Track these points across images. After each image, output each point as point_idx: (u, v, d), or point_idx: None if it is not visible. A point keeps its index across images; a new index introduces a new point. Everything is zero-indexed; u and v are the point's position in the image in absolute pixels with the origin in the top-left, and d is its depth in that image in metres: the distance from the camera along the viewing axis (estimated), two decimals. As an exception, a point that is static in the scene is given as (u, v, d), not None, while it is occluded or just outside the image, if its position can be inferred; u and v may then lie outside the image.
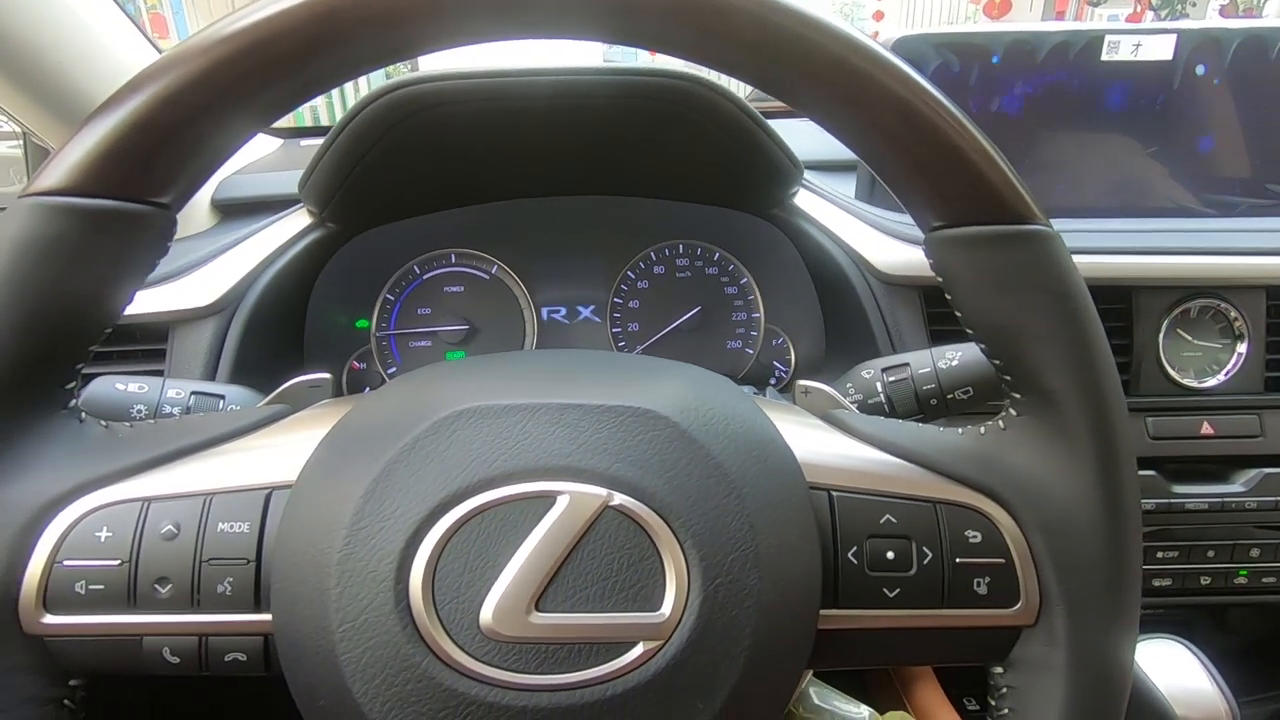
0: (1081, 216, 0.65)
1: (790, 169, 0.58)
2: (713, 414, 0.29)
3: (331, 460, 0.28)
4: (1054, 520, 0.29)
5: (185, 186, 0.28)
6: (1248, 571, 0.61)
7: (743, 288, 0.70)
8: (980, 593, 0.29)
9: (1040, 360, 0.29)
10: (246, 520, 0.28)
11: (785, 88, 0.28)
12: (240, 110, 0.26)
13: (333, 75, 0.27)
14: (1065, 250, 0.29)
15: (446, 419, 0.28)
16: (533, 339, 0.69)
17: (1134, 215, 0.65)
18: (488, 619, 0.25)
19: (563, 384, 0.30)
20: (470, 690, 0.25)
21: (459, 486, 0.26)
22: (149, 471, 0.29)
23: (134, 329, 0.53)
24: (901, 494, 0.30)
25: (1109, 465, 0.29)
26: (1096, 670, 0.29)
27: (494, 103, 0.50)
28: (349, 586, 0.25)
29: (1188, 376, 0.60)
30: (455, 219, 0.66)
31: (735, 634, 0.26)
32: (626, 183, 0.66)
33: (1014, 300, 0.29)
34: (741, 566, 0.26)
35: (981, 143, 0.28)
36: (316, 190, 0.55)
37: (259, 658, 0.28)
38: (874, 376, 0.45)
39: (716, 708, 0.26)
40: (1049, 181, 0.68)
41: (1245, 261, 0.58)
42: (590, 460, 0.27)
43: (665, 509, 0.26)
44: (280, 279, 0.56)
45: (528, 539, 0.26)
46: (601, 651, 0.25)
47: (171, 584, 0.27)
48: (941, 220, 0.29)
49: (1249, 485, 0.59)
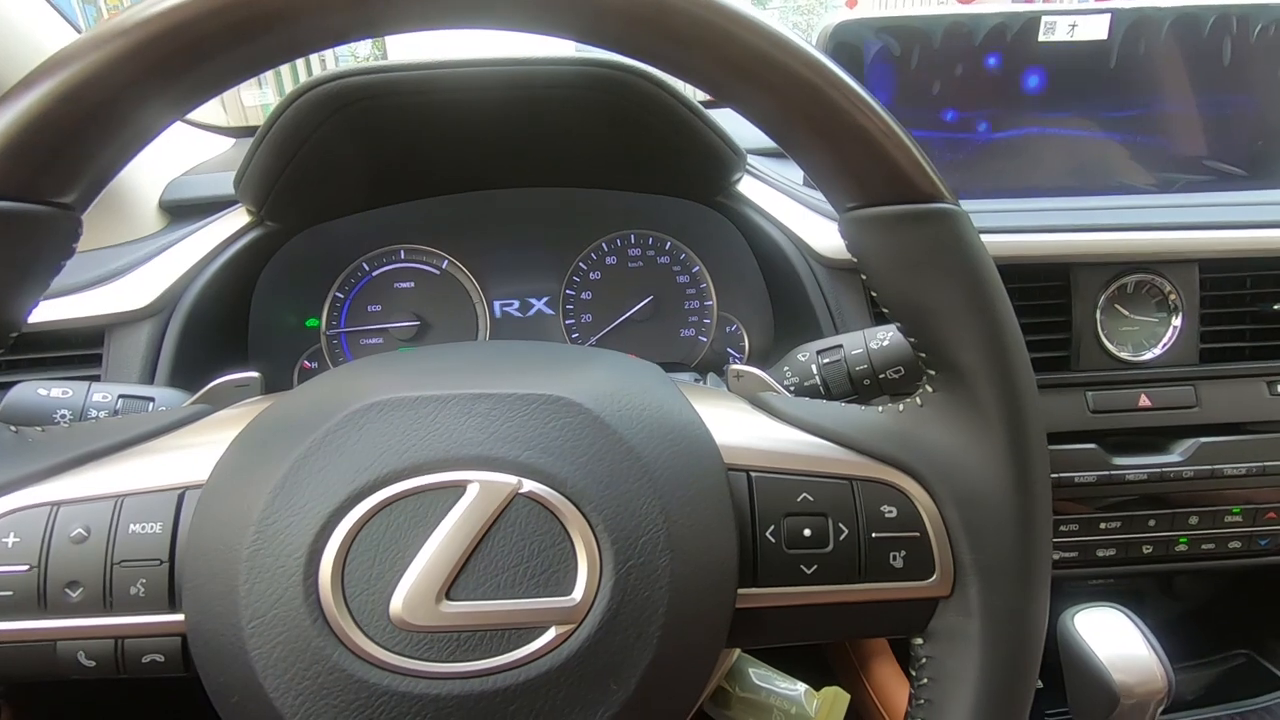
0: (1021, 197, 0.66)
1: (731, 156, 0.58)
2: (628, 400, 0.30)
3: (243, 457, 0.28)
4: (967, 493, 0.30)
5: (90, 185, 0.28)
6: (1188, 539, 0.63)
7: (694, 276, 0.70)
8: (896, 566, 0.30)
9: (950, 337, 0.30)
10: (159, 521, 0.28)
11: (703, 76, 0.28)
12: (147, 104, 0.26)
13: (257, 62, 0.26)
14: (972, 228, 0.30)
15: (357, 412, 0.28)
16: (486, 333, 0.69)
17: (1073, 194, 0.67)
18: (398, 609, 0.25)
19: (478, 375, 0.30)
20: (382, 681, 0.25)
21: (368, 479, 0.26)
22: (58, 476, 0.29)
23: (68, 334, 0.52)
24: (819, 472, 0.31)
25: (1018, 438, 0.30)
26: (1011, 637, 0.30)
27: (426, 96, 0.50)
28: (258, 582, 0.25)
29: (1125, 350, 0.61)
30: (402, 214, 0.66)
31: (648, 615, 0.26)
32: (573, 174, 0.65)
33: (924, 278, 0.30)
34: (653, 548, 0.27)
35: (889, 124, 0.28)
36: (251, 188, 0.54)
37: (177, 658, 0.28)
38: (809, 359, 0.45)
39: (631, 688, 0.26)
40: (990, 163, 0.69)
41: (1178, 236, 0.60)
42: (500, 449, 0.27)
43: (576, 494, 0.27)
44: (219, 279, 0.55)
45: (437, 529, 0.26)
46: (513, 637, 0.25)
47: (83, 587, 0.27)
48: (853, 201, 0.30)
49: (1186, 455, 0.61)
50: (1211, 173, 0.70)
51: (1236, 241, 0.60)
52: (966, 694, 0.29)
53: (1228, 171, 0.71)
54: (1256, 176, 0.70)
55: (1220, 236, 0.60)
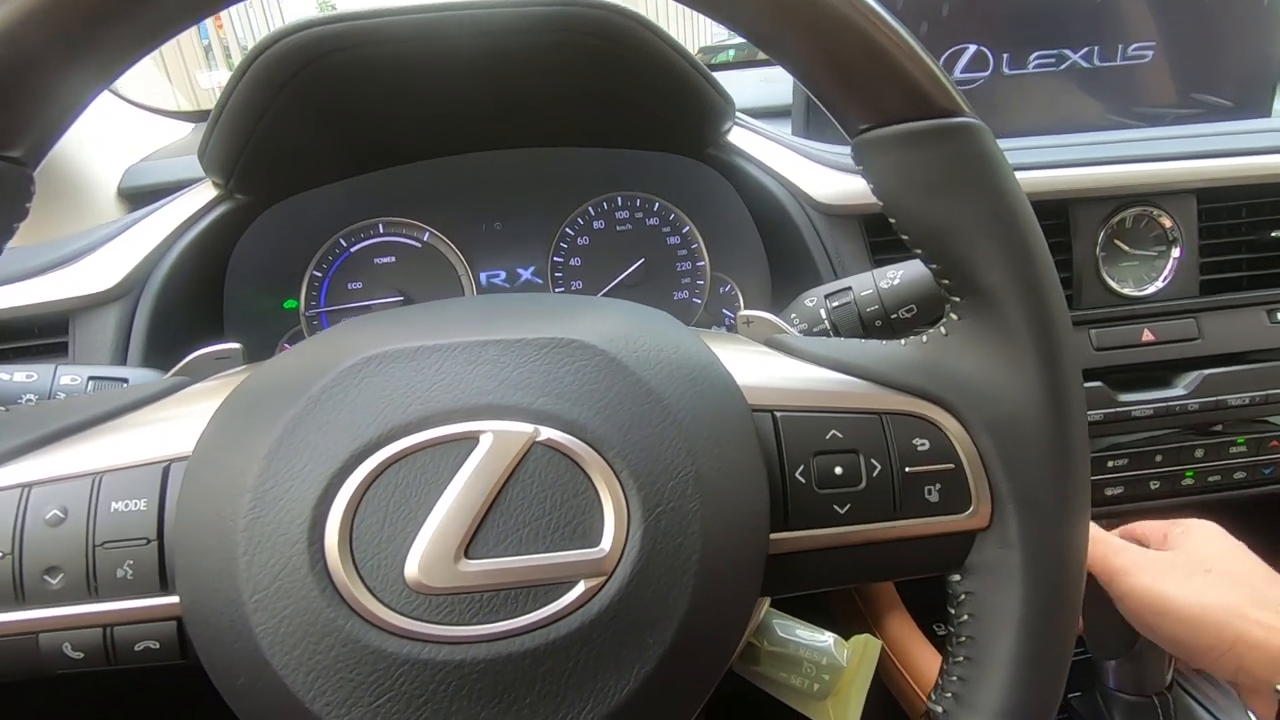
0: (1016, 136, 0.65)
1: (722, 104, 0.56)
2: (645, 342, 0.28)
3: (232, 423, 0.26)
4: (1000, 419, 0.29)
5: (37, 140, 0.25)
6: (1194, 473, 0.63)
7: (685, 237, 0.68)
8: (932, 500, 0.29)
9: (976, 257, 0.28)
10: (143, 497, 0.26)
11: None
12: (91, 49, 0.24)
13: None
14: (994, 142, 0.28)
15: (354, 366, 0.26)
16: (473, 305, 0.66)
17: (1067, 132, 0.65)
18: (413, 571, 0.23)
19: (483, 322, 0.28)
20: (401, 649, 0.23)
21: (372, 435, 0.24)
22: (28, 455, 0.26)
23: (29, 322, 0.48)
24: (846, 408, 0.29)
25: (1051, 359, 0.29)
26: (1053, 566, 0.29)
27: (390, 46, 0.47)
28: (258, 553, 0.23)
29: (1127, 286, 0.60)
30: (378, 183, 0.63)
31: (681, 563, 0.25)
32: (554, 132, 0.63)
33: (946, 197, 0.28)
34: (683, 493, 0.25)
35: (902, 36, 0.26)
36: (217, 157, 0.51)
37: (173, 644, 0.26)
38: (817, 304, 0.44)
39: (668, 641, 0.24)
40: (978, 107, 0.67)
41: (1174, 166, 0.59)
42: (514, 396, 0.25)
43: (597, 440, 0.25)
44: (189, 257, 0.52)
45: (451, 483, 0.24)
46: (540, 594, 0.24)
47: (63, 573, 0.25)
48: (867, 122, 0.28)
49: (1190, 388, 0.60)
50: (1199, 105, 0.70)
51: (1232, 169, 0.59)
52: (1011, 628, 0.28)
53: (1215, 104, 0.70)
54: (1243, 107, 0.70)
55: (1217, 165, 0.59)
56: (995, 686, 0.28)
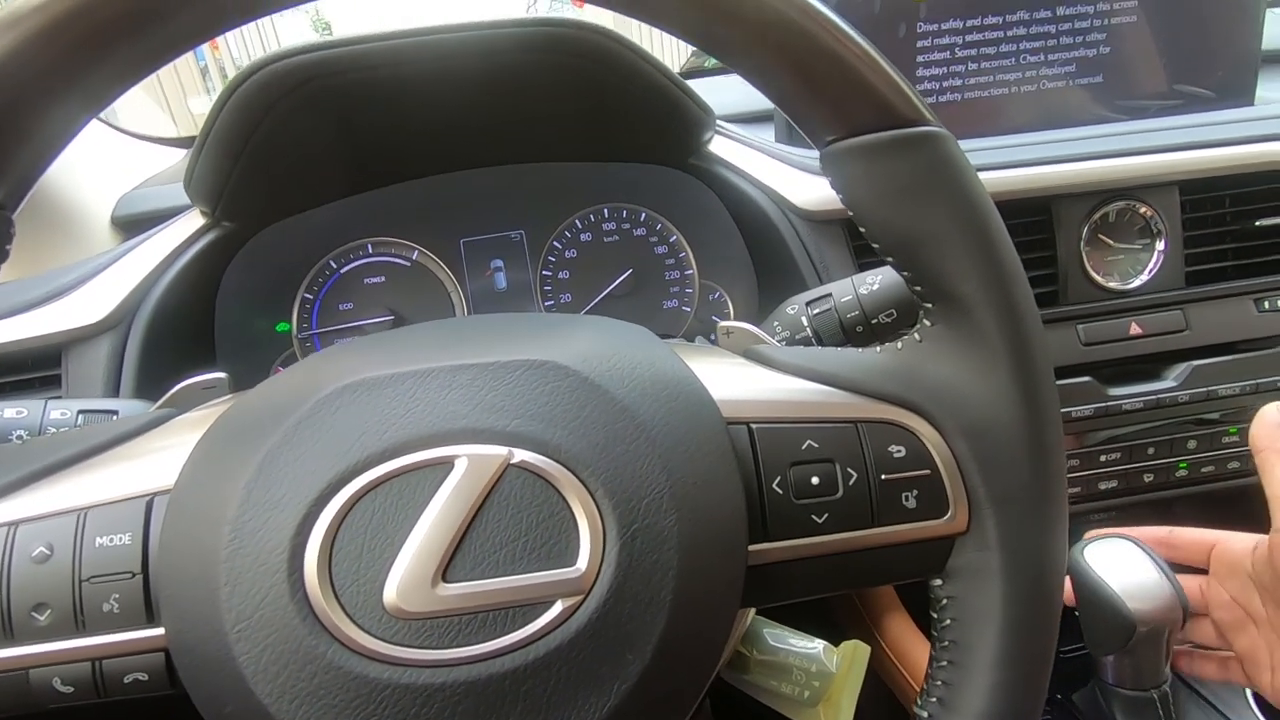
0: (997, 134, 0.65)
1: (700, 114, 0.57)
2: (617, 360, 0.28)
3: (212, 455, 0.26)
4: (974, 423, 0.29)
5: (16, 183, 0.26)
6: (1187, 464, 0.63)
7: (672, 246, 0.68)
8: (909, 506, 0.29)
9: (945, 264, 0.29)
10: (127, 531, 0.26)
11: (667, 16, 0.27)
12: (73, 86, 0.24)
13: (189, 34, 0.24)
14: (959, 150, 0.29)
15: (330, 396, 0.26)
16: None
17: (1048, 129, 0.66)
18: (392, 597, 0.23)
19: (457, 347, 0.28)
20: (382, 674, 0.23)
21: (348, 464, 0.25)
22: (14, 494, 0.27)
23: (22, 356, 0.49)
24: (822, 418, 0.29)
25: (1023, 361, 0.29)
26: (1032, 567, 0.29)
27: (374, 71, 0.47)
28: (239, 584, 0.24)
29: (1112, 280, 0.60)
30: (365, 205, 0.63)
31: (659, 578, 0.25)
32: (538, 147, 0.63)
33: (914, 206, 0.28)
34: (658, 509, 0.25)
35: (864, 47, 0.27)
36: (202, 186, 0.52)
37: (161, 675, 0.26)
38: (798, 311, 0.44)
39: (648, 657, 0.25)
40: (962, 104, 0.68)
41: (1156, 160, 0.59)
42: (487, 419, 0.25)
43: (571, 460, 0.25)
44: (179, 286, 0.53)
45: (427, 508, 0.24)
46: (518, 615, 0.24)
47: (51, 609, 0.25)
48: (834, 133, 0.29)
49: (1179, 379, 0.60)
50: (1182, 97, 0.70)
51: (1214, 160, 0.60)
52: (993, 629, 0.28)
53: (1197, 95, 0.70)
54: (1226, 97, 0.70)
55: (1198, 156, 0.59)
56: (979, 689, 0.28)
